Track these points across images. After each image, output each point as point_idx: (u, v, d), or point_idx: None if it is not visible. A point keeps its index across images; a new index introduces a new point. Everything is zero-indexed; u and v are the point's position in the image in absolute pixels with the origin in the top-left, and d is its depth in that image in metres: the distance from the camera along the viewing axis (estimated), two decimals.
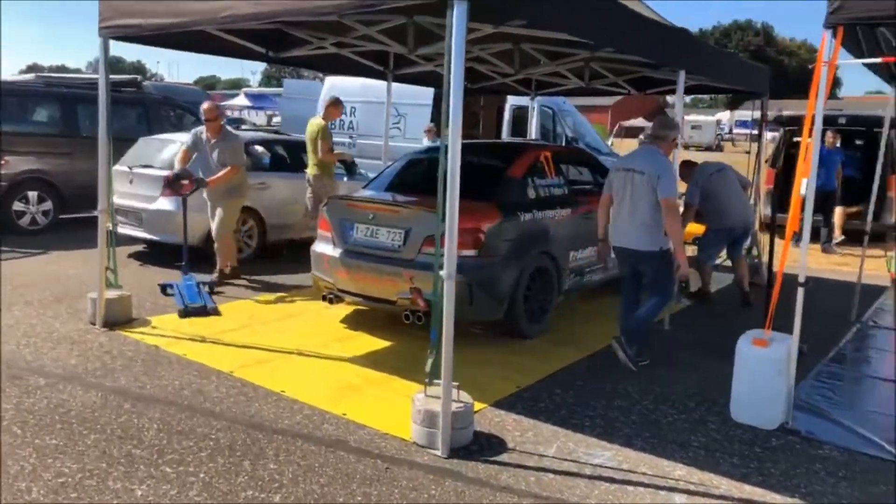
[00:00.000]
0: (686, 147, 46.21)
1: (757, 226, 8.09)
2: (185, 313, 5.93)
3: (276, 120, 40.73)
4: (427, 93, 13.57)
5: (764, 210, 9.60)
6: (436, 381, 3.75)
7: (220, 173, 6.88)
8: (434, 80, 8.80)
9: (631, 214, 4.92)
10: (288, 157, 9.22)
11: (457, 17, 3.41)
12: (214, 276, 7.03)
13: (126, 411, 4.01)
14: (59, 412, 3.96)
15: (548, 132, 11.70)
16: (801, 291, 4.01)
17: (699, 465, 3.63)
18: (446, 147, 3.60)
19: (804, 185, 3.96)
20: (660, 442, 3.87)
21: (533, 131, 10.73)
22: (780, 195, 10.26)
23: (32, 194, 9.46)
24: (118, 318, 5.63)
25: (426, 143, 10.63)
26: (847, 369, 5.32)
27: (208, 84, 75.61)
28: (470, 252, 5.23)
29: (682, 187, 6.10)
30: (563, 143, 12.11)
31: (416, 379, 4.60)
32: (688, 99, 72.55)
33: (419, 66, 7.89)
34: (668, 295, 5.17)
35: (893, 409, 4.43)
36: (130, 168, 8.20)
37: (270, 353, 5.14)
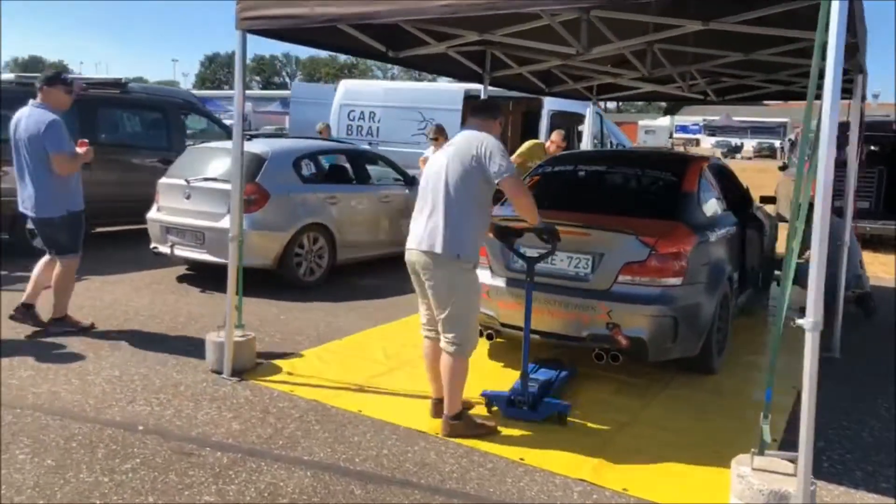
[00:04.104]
0: None
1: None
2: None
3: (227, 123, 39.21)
4: (457, 98, 12.89)
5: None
6: (767, 452, 3.11)
7: None
8: (522, 86, 8.13)
9: None
10: (351, 169, 8.34)
11: (839, 11, 2.75)
12: None
13: (361, 498, 3.17)
14: (280, 503, 3.10)
15: (598, 138, 11.15)
16: None
17: None
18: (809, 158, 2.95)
19: None
20: None
21: (587, 138, 10.19)
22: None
23: None
24: (245, 365, 4.73)
25: (431, 150, 9.97)
26: None
27: None
28: (674, 280, 4.58)
29: None
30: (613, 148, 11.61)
31: (658, 428, 3.90)
32: (640, 103, 73.41)
33: (510, 70, 7.26)
34: None
35: None
36: (188, 181, 7.16)
37: None
